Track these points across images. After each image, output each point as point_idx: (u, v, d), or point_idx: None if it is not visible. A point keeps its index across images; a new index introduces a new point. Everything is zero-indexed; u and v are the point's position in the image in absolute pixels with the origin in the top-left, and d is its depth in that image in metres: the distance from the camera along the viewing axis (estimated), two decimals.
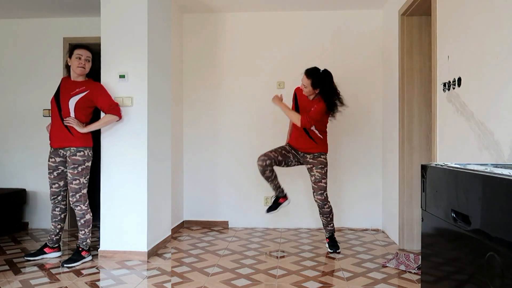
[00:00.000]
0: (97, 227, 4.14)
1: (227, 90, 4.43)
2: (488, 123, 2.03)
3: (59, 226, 3.27)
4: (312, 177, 3.47)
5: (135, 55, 3.23)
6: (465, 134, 2.27)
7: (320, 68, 3.40)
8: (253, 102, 4.38)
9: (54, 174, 3.19)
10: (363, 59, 4.28)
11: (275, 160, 3.42)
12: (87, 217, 3.13)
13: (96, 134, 3.24)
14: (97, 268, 3.01)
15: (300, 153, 3.52)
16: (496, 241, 1.05)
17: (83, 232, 3.14)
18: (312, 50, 4.32)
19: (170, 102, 3.80)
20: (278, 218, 4.34)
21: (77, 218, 3.15)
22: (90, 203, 3.19)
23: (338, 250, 3.44)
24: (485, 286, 1.09)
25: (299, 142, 3.49)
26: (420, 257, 2.87)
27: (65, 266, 3.00)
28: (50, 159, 3.18)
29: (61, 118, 3.11)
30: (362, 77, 4.28)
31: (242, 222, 4.38)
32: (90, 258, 3.17)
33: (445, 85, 2.55)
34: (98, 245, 3.36)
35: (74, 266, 3.02)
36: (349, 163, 4.31)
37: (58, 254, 3.28)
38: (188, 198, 4.45)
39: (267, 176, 3.47)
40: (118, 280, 2.75)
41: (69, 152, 3.09)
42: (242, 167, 4.38)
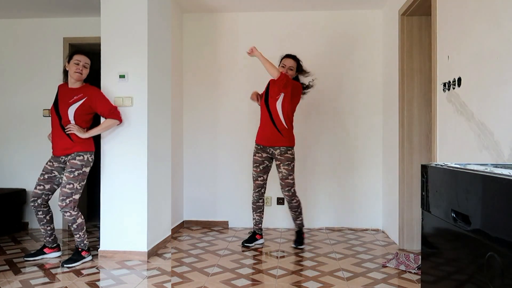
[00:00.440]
0: (97, 227, 4.14)
1: (227, 90, 4.43)
2: (488, 123, 2.03)
3: (49, 228, 3.23)
4: (279, 173, 3.51)
5: (135, 55, 3.23)
6: (465, 134, 2.27)
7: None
8: (253, 102, 4.37)
9: (45, 176, 3.15)
10: (363, 59, 4.29)
11: (264, 183, 3.63)
12: (79, 221, 3.10)
13: (96, 136, 3.24)
14: (97, 268, 3.01)
15: (268, 149, 3.53)
16: (496, 241, 1.05)
17: (78, 235, 3.12)
18: (312, 50, 4.32)
19: (170, 102, 3.80)
20: (278, 218, 4.34)
21: (68, 224, 3.11)
22: (90, 203, 3.18)
23: (300, 247, 3.51)
24: (485, 286, 1.09)
25: (265, 134, 3.52)
26: (420, 257, 2.87)
27: (65, 266, 3.00)
28: (48, 163, 3.17)
29: (61, 127, 3.10)
30: (362, 77, 4.28)
31: (242, 222, 4.38)
32: (90, 258, 3.17)
33: (445, 85, 2.55)
34: (98, 245, 3.36)
35: (74, 266, 3.02)
36: (349, 163, 4.31)
37: (58, 254, 3.28)
38: (188, 198, 4.45)
39: (259, 205, 3.65)
40: (118, 280, 2.75)
41: (69, 156, 3.08)
42: (242, 167, 4.38)
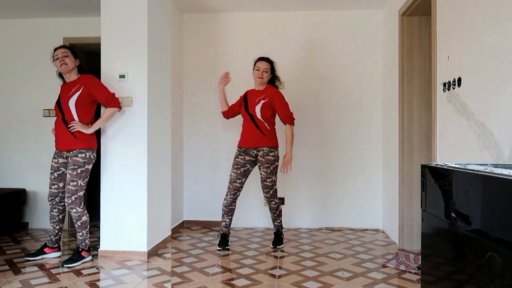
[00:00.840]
0: (97, 227, 4.14)
1: (227, 90, 4.42)
2: (488, 123, 2.03)
3: (58, 227, 3.27)
4: (260, 174, 3.51)
5: (135, 55, 3.23)
6: (465, 134, 2.27)
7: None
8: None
9: (55, 174, 3.18)
10: (363, 59, 4.29)
11: (241, 186, 3.53)
12: (84, 218, 3.12)
13: (96, 134, 3.24)
14: (97, 268, 3.01)
15: (252, 152, 3.50)
16: (496, 241, 1.05)
17: (81, 233, 3.13)
18: (312, 50, 4.32)
19: (170, 102, 3.80)
20: None
21: (73, 221, 3.13)
22: (90, 203, 3.18)
23: (279, 246, 3.52)
24: (485, 286, 1.09)
25: (248, 136, 3.49)
26: (420, 257, 2.87)
27: (65, 266, 3.00)
28: (53, 159, 3.19)
29: (64, 122, 3.12)
30: (362, 77, 4.28)
31: (242, 222, 4.38)
32: (90, 258, 3.17)
33: (445, 85, 2.55)
34: (98, 245, 3.36)
35: (74, 266, 3.02)
36: (349, 163, 4.31)
37: (58, 254, 3.28)
38: (188, 198, 4.45)
39: (232, 208, 3.56)
40: (118, 280, 2.75)
41: (71, 153, 3.09)
42: None
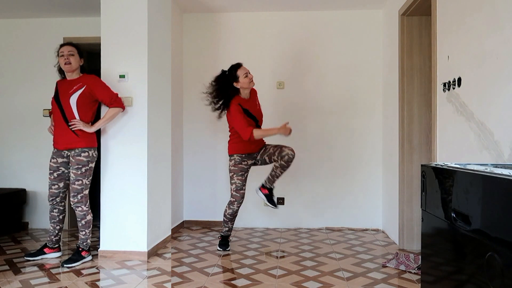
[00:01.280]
0: (97, 227, 4.15)
1: None
2: (488, 123, 2.03)
3: (58, 227, 3.26)
4: (267, 152, 3.40)
5: (135, 55, 3.23)
6: (465, 134, 2.27)
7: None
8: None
9: (55, 175, 3.17)
10: (363, 59, 4.28)
11: (244, 194, 3.44)
12: (88, 218, 3.13)
13: (96, 134, 3.24)
14: (97, 268, 3.01)
15: (255, 154, 3.46)
16: (496, 241, 1.05)
17: (84, 232, 3.13)
18: (312, 50, 4.32)
19: (170, 102, 3.80)
20: (278, 218, 4.34)
21: (77, 219, 3.13)
22: (90, 203, 3.19)
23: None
24: (485, 286, 1.09)
25: (255, 143, 3.40)
26: (420, 257, 2.87)
27: (65, 266, 3.00)
28: (52, 160, 3.16)
29: (64, 119, 3.09)
30: (362, 77, 4.28)
31: (242, 222, 4.38)
32: (90, 258, 3.17)
33: (445, 85, 2.55)
34: (98, 245, 3.36)
35: (74, 266, 3.02)
36: (349, 163, 4.30)
37: (58, 254, 3.28)
38: (188, 198, 4.45)
39: (235, 216, 3.48)
40: (118, 280, 2.75)
41: (73, 152, 3.07)
42: None
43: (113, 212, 3.25)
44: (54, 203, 3.21)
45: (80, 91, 3.09)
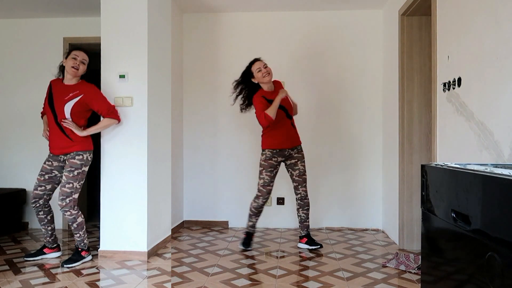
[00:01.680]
0: (97, 227, 4.14)
1: (227, 90, 4.42)
2: (488, 123, 2.03)
3: (50, 228, 3.22)
4: (296, 171, 3.47)
5: (135, 55, 3.23)
6: (465, 134, 2.27)
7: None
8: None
9: (46, 176, 3.12)
10: (363, 59, 4.28)
11: (271, 190, 3.48)
12: (79, 220, 3.09)
13: (95, 135, 3.23)
14: (97, 268, 3.01)
15: (286, 152, 3.46)
16: (496, 241, 1.05)
17: (78, 234, 3.11)
18: (312, 50, 4.32)
19: (170, 102, 3.80)
20: (278, 218, 4.34)
21: (69, 223, 3.10)
22: (90, 203, 3.18)
23: (321, 247, 3.51)
24: (485, 286, 1.09)
25: (289, 138, 3.44)
26: (420, 257, 2.87)
27: (65, 266, 3.00)
28: (47, 162, 3.12)
29: (58, 125, 3.05)
30: (362, 77, 4.28)
31: (242, 222, 4.37)
32: (90, 258, 3.16)
33: (445, 85, 2.55)
34: (98, 245, 3.36)
35: (74, 266, 3.02)
36: (349, 163, 4.30)
37: (57, 254, 3.28)
38: (188, 198, 4.45)
39: (260, 211, 3.52)
40: (118, 280, 2.75)
41: (69, 155, 3.06)
42: (242, 167, 4.38)
43: (113, 212, 3.25)
44: (37, 206, 3.13)
45: (76, 99, 3.04)
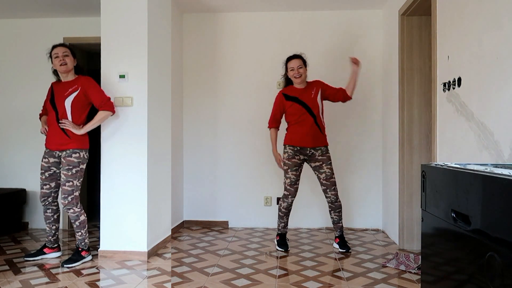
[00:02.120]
0: (97, 227, 4.15)
1: (227, 90, 4.43)
2: (488, 123, 2.03)
3: (54, 227, 3.25)
4: (322, 174, 3.42)
5: (135, 55, 3.23)
6: (465, 134, 2.27)
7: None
8: (253, 101, 4.38)
9: (46, 175, 3.16)
10: (363, 59, 4.28)
11: (297, 188, 3.49)
12: (82, 218, 3.11)
13: (95, 135, 3.23)
14: (97, 268, 3.01)
15: (308, 151, 3.44)
16: (496, 241, 1.05)
17: (80, 233, 3.12)
18: (312, 50, 4.31)
19: (170, 102, 3.80)
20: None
21: (71, 221, 3.12)
22: (90, 203, 3.18)
23: (350, 250, 3.44)
24: (485, 286, 1.09)
25: (310, 135, 3.39)
26: (420, 257, 2.87)
27: (65, 266, 3.00)
28: (44, 159, 3.16)
29: (57, 120, 3.09)
30: (362, 77, 4.28)
31: (242, 222, 4.38)
32: (90, 258, 3.17)
33: (445, 85, 2.55)
34: (98, 245, 3.36)
35: (74, 266, 3.02)
36: (349, 163, 4.31)
37: (57, 254, 3.28)
38: (188, 198, 4.45)
39: (289, 210, 3.53)
40: (118, 280, 2.75)
41: (64, 153, 3.07)
42: (242, 167, 4.38)
43: (113, 212, 3.25)
44: (47, 203, 3.19)
45: (75, 94, 3.08)
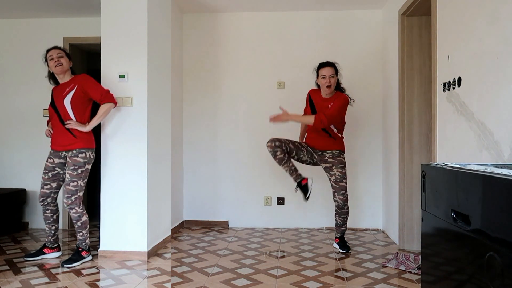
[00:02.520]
0: (97, 227, 4.14)
1: (227, 90, 4.43)
2: (488, 123, 2.03)
3: (54, 227, 3.25)
4: (332, 176, 3.40)
5: (135, 55, 3.23)
6: (465, 134, 2.27)
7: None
8: (253, 102, 4.38)
9: (49, 175, 3.16)
10: (363, 59, 4.28)
11: (286, 145, 3.32)
12: (83, 219, 3.11)
13: (95, 135, 3.24)
14: (97, 268, 3.01)
15: (317, 151, 3.45)
16: (496, 241, 1.05)
17: (81, 233, 3.13)
18: (312, 50, 4.32)
19: (170, 102, 3.80)
20: (278, 218, 4.34)
21: (73, 221, 3.12)
22: (90, 203, 3.18)
23: (350, 251, 3.44)
24: (485, 286, 1.09)
25: (318, 140, 3.43)
26: (420, 257, 2.87)
27: (65, 266, 3.00)
28: (49, 159, 3.16)
29: (61, 121, 3.10)
30: (362, 77, 4.28)
31: (242, 222, 4.38)
32: (90, 258, 3.17)
33: (445, 85, 2.55)
34: (98, 245, 3.36)
35: (74, 266, 3.02)
36: (349, 163, 4.30)
37: (57, 254, 3.28)
38: (188, 198, 4.45)
39: (280, 158, 3.31)
40: (118, 280, 2.75)
41: (70, 153, 3.07)
42: (242, 167, 4.38)
43: (113, 212, 3.25)
44: (45, 204, 3.19)
45: (72, 92, 3.09)
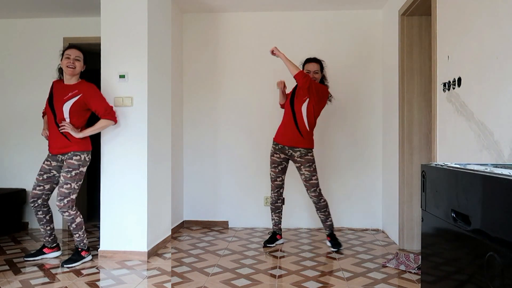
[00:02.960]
0: (97, 227, 4.15)
1: (227, 90, 4.43)
2: (488, 123, 2.03)
3: (49, 227, 3.22)
4: (302, 176, 3.49)
5: (135, 55, 3.23)
6: (465, 134, 2.27)
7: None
8: (253, 101, 4.38)
9: (44, 176, 3.13)
10: (363, 59, 4.28)
11: (282, 183, 3.64)
12: (78, 220, 3.09)
13: (95, 135, 3.23)
14: (97, 268, 3.01)
15: (287, 150, 3.49)
16: (496, 241, 1.05)
17: (78, 235, 3.11)
18: (312, 50, 4.31)
19: (170, 102, 3.80)
20: None
21: (68, 224, 3.10)
22: (90, 203, 3.18)
23: (341, 248, 3.46)
24: (485, 286, 1.09)
25: (286, 133, 3.47)
26: (420, 257, 2.87)
27: (65, 266, 3.00)
28: (46, 162, 3.13)
29: (56, 124, 3.06)
30: (362, 77, 4.28)
31: (242, 222, 4.38)
32: (90, 258, 3.16)
33: (445, 85, 2.55)
34: (98, 245, 3.36)
35: (74, 266, 3.02)
36: (349, 163, 4.30)
37: (57, 253, 3.28)
38: (188, 198, 4.45)
39: (278, 206, 3.67)
40: (118, 280, 2.75)
41: (66, 156, 3.06)
42: (242, 167, 4.38)
43: (113, 212, 3.25)
44: (36, 205, 3.15)
45: (75, 99, 3.05)
